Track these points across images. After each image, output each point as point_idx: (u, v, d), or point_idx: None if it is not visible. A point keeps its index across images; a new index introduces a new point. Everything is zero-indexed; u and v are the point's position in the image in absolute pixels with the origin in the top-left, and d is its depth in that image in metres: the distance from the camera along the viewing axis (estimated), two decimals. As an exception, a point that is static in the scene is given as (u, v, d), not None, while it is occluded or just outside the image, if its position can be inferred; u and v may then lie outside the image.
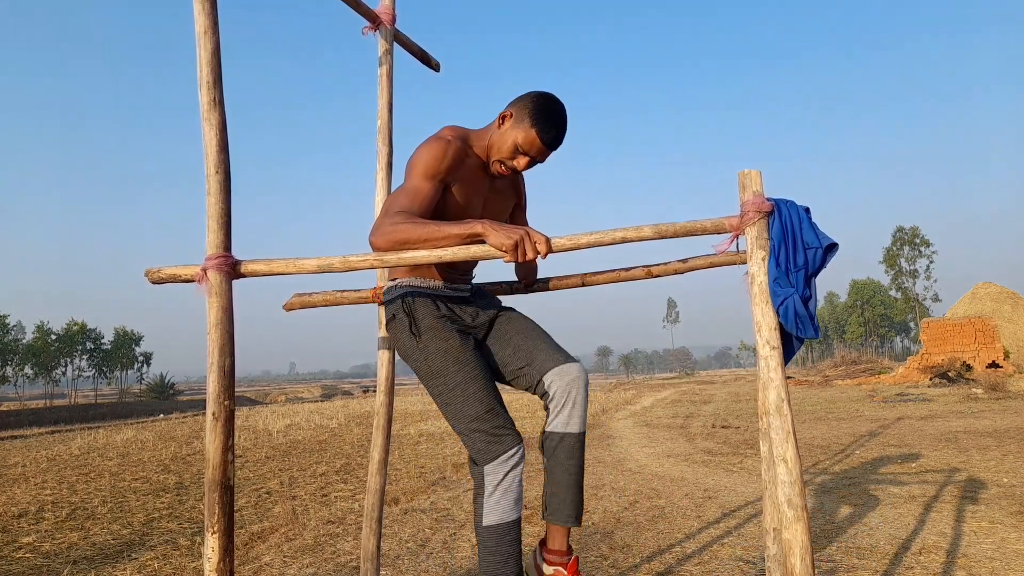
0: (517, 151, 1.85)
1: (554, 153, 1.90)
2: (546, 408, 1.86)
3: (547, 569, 1.84)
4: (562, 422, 1.82)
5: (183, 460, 8.27)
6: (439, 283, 1.93)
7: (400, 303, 1.89)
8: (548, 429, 1.84)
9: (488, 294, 2.10)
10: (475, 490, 1.78)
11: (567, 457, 1.83)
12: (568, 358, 1.88)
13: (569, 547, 1.86)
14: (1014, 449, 6.03)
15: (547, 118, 1.82)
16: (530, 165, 1.89)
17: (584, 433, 1.86)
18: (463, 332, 1.91)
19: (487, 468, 1.73)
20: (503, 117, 1.87)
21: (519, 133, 1.83)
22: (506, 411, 1.82)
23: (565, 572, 1.81)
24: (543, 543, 1.90)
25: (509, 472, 1.73)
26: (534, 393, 1.89)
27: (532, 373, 1.88)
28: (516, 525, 1.75)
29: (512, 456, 1.74)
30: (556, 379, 1.84)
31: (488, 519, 1.73)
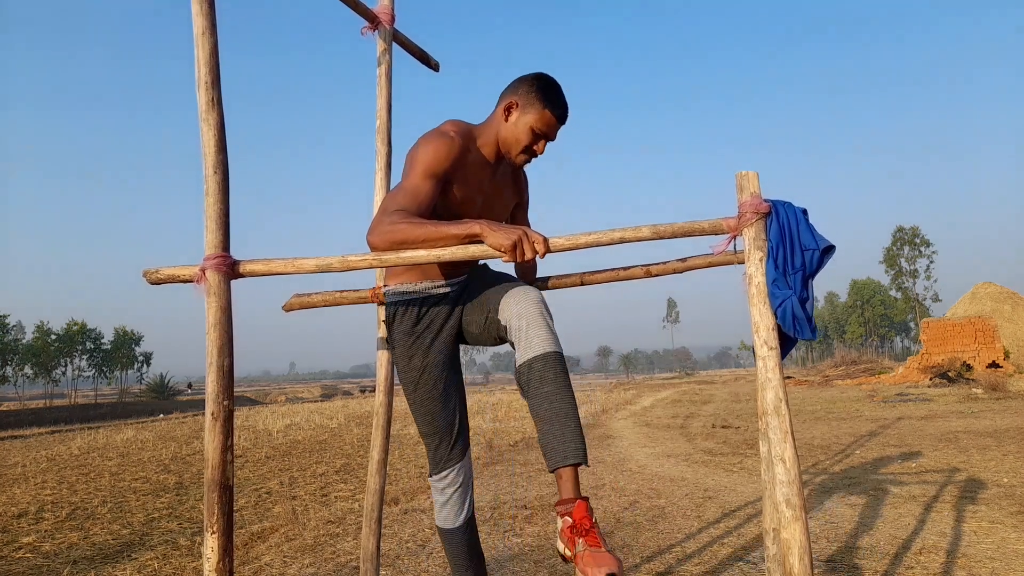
0: (536, 135, 1.86)
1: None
2: (512, 346, 1.74)
3: (558, 523, 1.63)
4: (524, 349, 1.65)
5: (183, 460, 8.27)
6: (430, 283, 1.92)
7: (388, 311, 2.00)
8: (516, 364, 1.68)
9: (486, 268, 2.08)
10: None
11: (540, 383, 1.62)
12: (516, 284, 1.77)
13: (577, 494, 1.61)
14: (1014, 449, 6.03)
15: (554, 95, 1.85)
16: (545, 145, 1.92)
17: (553, 353, 1.63)
18: (432, 342, 1.93)
19: (430, 480, 2.01)
20: (508, 107, 1.86)
21: (532, 117, 1.84)
22: (451, 435, 1.97)
23: (570, 519, 1.56)
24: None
25: (445, 488, 1.98)
26: (508, 340, 1.76)
27: (493, 318, 1.79)
28: (459, 532, 2.00)
29: (444, 478, 1.97)
30: (505, 309, 1.71)
31: (437, 521, 2.04)
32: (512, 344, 1.73)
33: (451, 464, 1.96)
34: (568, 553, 1.55)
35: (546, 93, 1.84)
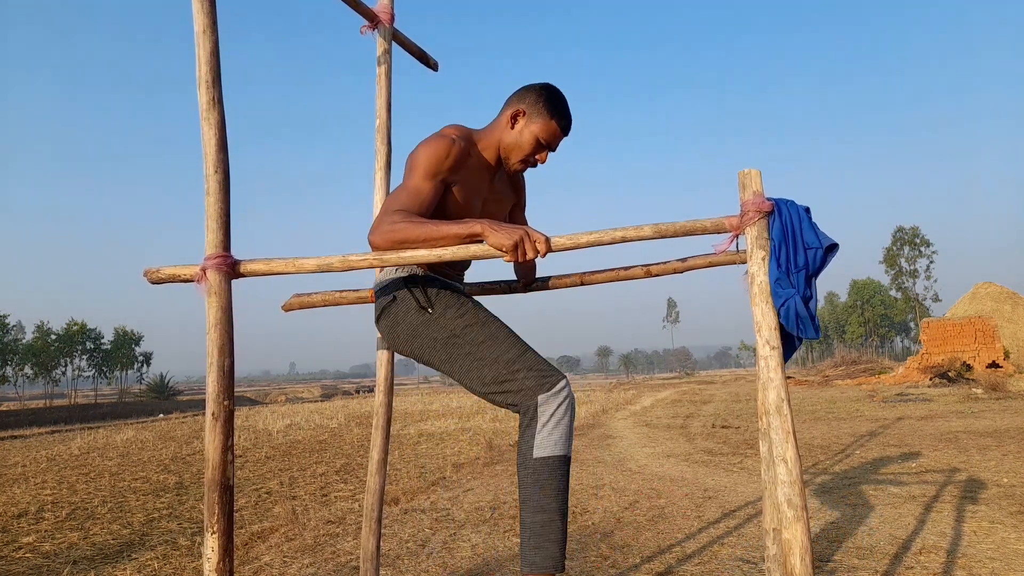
0: (540, 145, 1.88)
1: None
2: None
3: None
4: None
5: (183, 460, 8.27)
6: (441, 274, 1.92)
7: (402, 284, 1.84)
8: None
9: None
10: (523, 426, 1.70)
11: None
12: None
13: None
14: (1014, 449, 6.03)
15: (561, 108, 1.88)
16: (547, 156, 1.93)
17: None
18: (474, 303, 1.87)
19: (540, 399, 1.67)
20: (515, 115, 1.87)
21: (538, 127, 1.86)
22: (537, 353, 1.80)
23: None
24: None
25: (562, 403, 1.68)
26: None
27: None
28: (566, 462, 1.69)
29: (564, 388, 1.70)
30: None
31: (539, 451, 1.66)
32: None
33: (563, 375, 1.73)
34: None
35: (554, 104, 1.86)
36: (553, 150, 1.92)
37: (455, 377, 1.78)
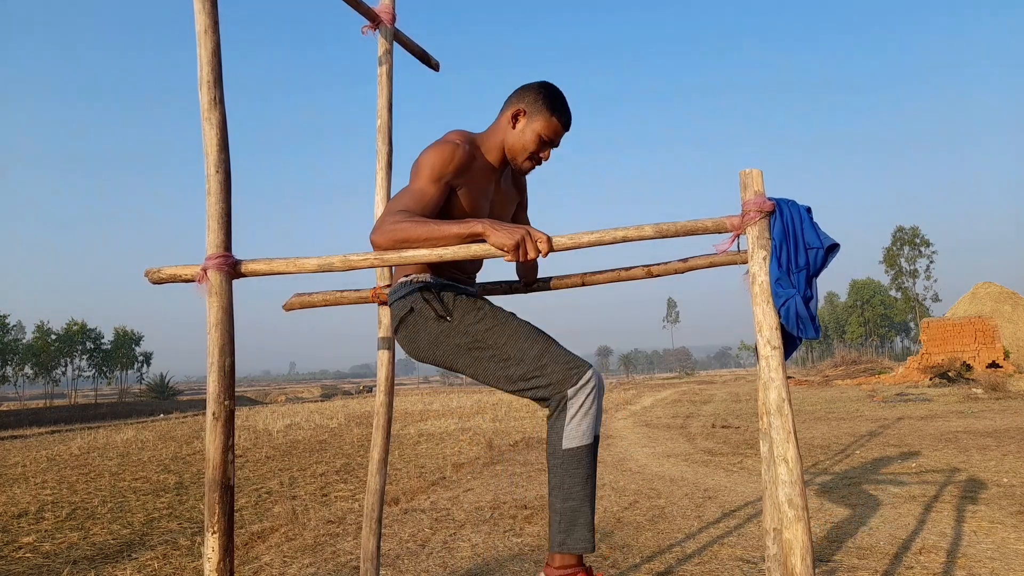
0: (543, 142, 1.90)
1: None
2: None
3: None
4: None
5: (183, 460, 8.26)
6: (454, 278, 1.94)
7: (419, 295, 1.85)
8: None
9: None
10: (552, 417, 1.76)
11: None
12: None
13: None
14: (1014, 449, 6.03)
15: (560, 103, 1.90)
16: (550, 153, 1.96)
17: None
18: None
19: (569, 392, 1.73)
20: (516, 115, 1.89)
21: (539, 124, 1.88)
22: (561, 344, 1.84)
23: None
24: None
25: (589, 394, 1.73)
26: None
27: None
28: (593, 448, 1.76)
29: (591, 378, 1.75)
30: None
31: (568, 443, 1.73)
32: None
33: (589, 364, 1.78)
34: None
35: (553, 101, 1.88)
36: (556, 146, 1.94)
37: (481, 379, 1.82)
